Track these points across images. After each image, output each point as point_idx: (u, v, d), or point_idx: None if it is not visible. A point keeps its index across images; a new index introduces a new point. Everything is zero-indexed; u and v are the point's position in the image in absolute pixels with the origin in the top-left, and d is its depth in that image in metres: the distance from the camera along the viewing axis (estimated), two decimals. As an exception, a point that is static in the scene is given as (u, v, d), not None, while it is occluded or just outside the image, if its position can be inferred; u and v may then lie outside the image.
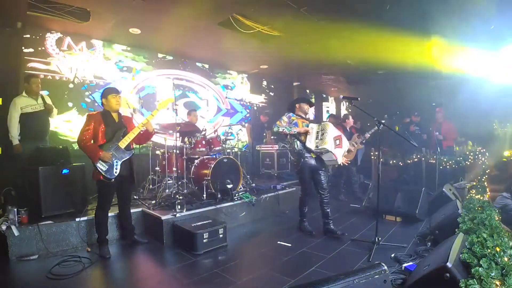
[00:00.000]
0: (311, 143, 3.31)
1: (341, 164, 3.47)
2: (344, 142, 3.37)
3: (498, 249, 1.74)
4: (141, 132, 3.05)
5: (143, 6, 3.99)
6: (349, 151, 5.23)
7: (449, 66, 5.69)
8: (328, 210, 3.47)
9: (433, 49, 5.20)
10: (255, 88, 8.34)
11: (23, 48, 4.43)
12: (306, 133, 3.37)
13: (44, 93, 4.15)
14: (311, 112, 3.66)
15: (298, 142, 3.45)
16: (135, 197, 3.95)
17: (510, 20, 4.09)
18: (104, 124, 2.89)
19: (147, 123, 3.04)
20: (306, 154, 3.39)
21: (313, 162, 3.42)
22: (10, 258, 2.73)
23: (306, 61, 6.78)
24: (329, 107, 11.06)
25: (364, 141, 5.42)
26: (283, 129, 3.40)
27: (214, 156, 4.39)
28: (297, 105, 3.66)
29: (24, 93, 3.73)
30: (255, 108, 8.22)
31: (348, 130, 5.67)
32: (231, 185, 3.95)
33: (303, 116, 3.60)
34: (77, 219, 3.12)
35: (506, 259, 1.65)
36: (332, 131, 3.30)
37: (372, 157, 5.87)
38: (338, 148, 3.29)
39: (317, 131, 3.35)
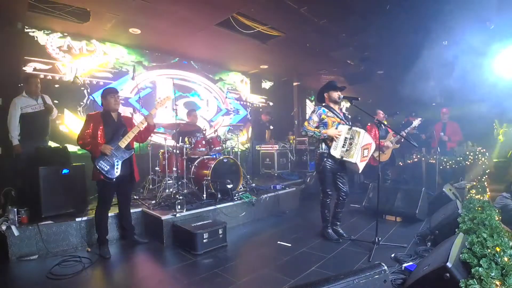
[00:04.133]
0: (336, 150, 3.04)
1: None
2: (372, 151, 3.13)
3: (498, 249, 1.74)
4: (142, 129, 3.06)
5: (143, 6, 3.99)
6: (385, 149, 5.03)
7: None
8: (341, 215, 3.37)
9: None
10: (255, 88, 8.34)
11: (23, 48, 4.43)
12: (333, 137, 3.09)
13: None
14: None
15: (323, 144, 3.18)
16: (135, 197, 3.95)
17: (510, 20, 4.09)
18: (104, 124, 2.90)
19: (148, 117, 3.06)
20: (329, 157, 3.13)
21: (335, 165, 3.16)
22: (10, 258, 2.73)
23: (306, 61, 6.78)
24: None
25: (402, 140, 4.91)
26: (312, 134, 3.12)
27: (214, 156, 4.39)
28: (325, 95, 3.30)
29: (24, 93, 3.73)
30: (255, 107, 8.23)
31: (383, 127, 4.77)
32: (231, 185, 3.95)
33: (334, 109, 3.26)
34: (77, 219, 3.12)
35: (506, 259, 1.65)
36: (362, 140, 2.99)
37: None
38: (363, 161, 3.06)
39: (346, 137, 3.04)
